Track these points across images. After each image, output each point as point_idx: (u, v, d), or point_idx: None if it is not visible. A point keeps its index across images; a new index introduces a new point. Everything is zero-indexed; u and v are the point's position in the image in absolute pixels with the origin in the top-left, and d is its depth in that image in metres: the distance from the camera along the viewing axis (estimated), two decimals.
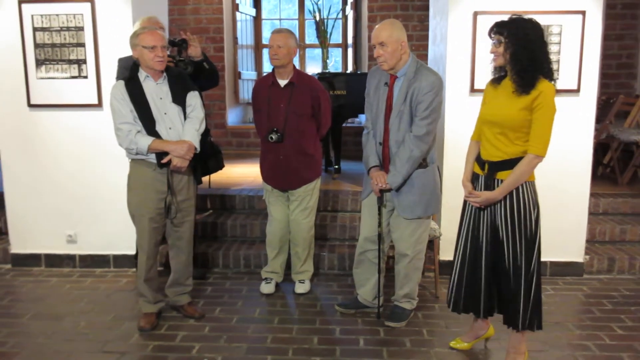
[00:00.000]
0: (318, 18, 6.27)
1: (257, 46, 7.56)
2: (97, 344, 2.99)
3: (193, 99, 3.10)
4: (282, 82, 3.46)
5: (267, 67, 7.54)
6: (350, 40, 7.09)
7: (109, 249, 4.09)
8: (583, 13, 3.61)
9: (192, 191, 3.22)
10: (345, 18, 7.25)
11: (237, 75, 7.13)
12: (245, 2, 7.19)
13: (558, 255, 3.90)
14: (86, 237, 4.08)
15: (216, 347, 2.95)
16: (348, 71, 6.91)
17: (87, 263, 4.11)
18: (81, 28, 3.80)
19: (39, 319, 3.30)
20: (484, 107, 2.66)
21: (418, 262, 3.19)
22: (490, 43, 2.53)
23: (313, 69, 7.44)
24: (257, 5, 7.50)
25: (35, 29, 3.81)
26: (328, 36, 6.26)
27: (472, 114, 3.63)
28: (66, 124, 3.94)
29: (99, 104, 3.87)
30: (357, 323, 3.25)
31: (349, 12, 7.03)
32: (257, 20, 7.54)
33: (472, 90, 3.72)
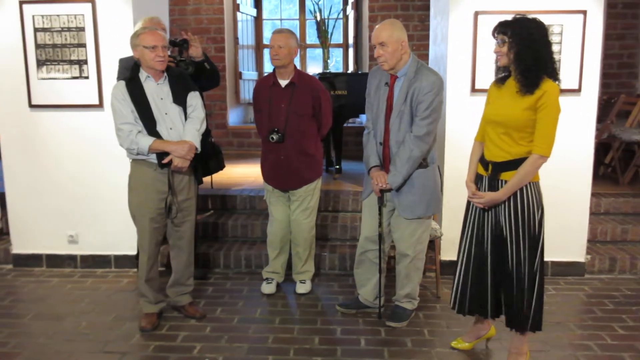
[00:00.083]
0: (319, 18, 6.27)
1: (258, 46, 7.56)
2: (98, 344, 2.99)
3: (194, 99, 3.10)
4: (283, 82, 3.46)
5: (268, 67, 7.54)
6: (351, 40, 7.09)
7: (110, 250, 4.09)
8: (584, 12, 3.60)
9: (193, 191, 3.22)
10: (346, 18, 7.25)
11: (238, 75, 7.13)
12: (246, 2, 7.19)
13: (559, 255, 3.90)
14: (87, 238, 4.08)
15: (217, 347, 2.96)
16: (349, 71, 6.91)
17: (88, 263, 4.11)
18: (82, 28, 3.80)
19: (40, 319, 3.30)
20: (488, 107, 2.64)
21: (419, 262, 3.19)
22: (493, 43, 2.52)
23: (314, 69, 7.44)
24: (258, 5, 7.51)
25: (36, 30, 3.82)
26: (329, 36, 6.25)
27: (473, 114, 3.64)
28: (67, 125, 3.95)
29: (100, 105, 3.87)
30: (358, 323, 3.25)
31: (350, 12, 7.03)
32: (258, 20, 7.55)
33: (473, 90, 3.72)
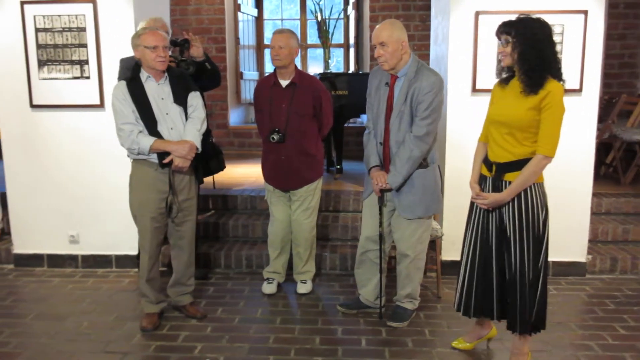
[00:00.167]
0: (320, 18, 6.27)
1: (259, 46, 7.57)
2: (100, 344, 3.00)
3: (194, 99, 3.10)
4: (284, 83, 3.46)
5: (269, 68, 7.54)
6: (352, 40, 7.09)
7: (111, 250, 4.09)
8: (585, 12, 3.60)
9: (194, 191, 3.22)
10: (347, 18, 7.25)
11: (239, 75, 7.13)
12: (247, 3, 7.20)
13: (560, 255, 3.89)
14: (88, 238, 4.09)
15: (218, 347, 2.96)
16: (350, 71, 6.91)
17: (90, 263, 4.12)
18: (83, 29, 3.80)
19: (42, 319, 3.30)
20: (492, 108, 2.63)
21: (419, 262, 3.19)
22: (494, 43, 2.51)
23: (315, 69, 7.44)
24: (259, 5, 7.51)
25: (37, 30, 3.82)
26: (330, 36, 6.25)
27: (474, 114, 3.65)
28: (68, 125, 3.95)
29: (101, 105, 3.87)
30: (359, 323, 3.25)
31: (351, 12, 7.03)
32: (259, 20, 7.55)
33: (474, 90, 3.72)
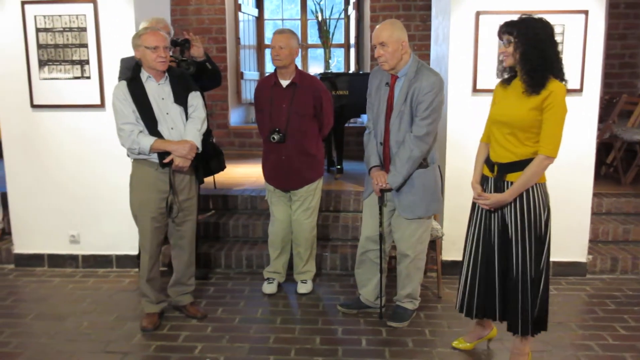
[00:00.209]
0: (320, 18, 6.27)
1: (260, 46, 7.57)
2: (100, 344, 3.00)
3: (195, 99, 3.11)
4: (284, 83, 3.46)
5: (270, 68, 7.54)
6: (352, 40, 7.09)
7: (112, 249, 4.10)
8: (586, 12, 3.60)
9: (194, 190, 3.22)
10: (347, 18, 7.25)
11: (240, 75, 7.14)
12: (247, 3, 7.20)
13: (561, 255, 3.89)
14: (89, 238, 4.09)
15: (218, 347, 2.96)
16: (350, 71, 6.91)
17: (90, 263, 4.12)
18: (84, 29, 3.81)
19: (42, 319, 3.31)
20: (494, 108, 2.62)
21: (419, 262, 3.19)
22: (495, 43, 2.51)
23: (315, 69, 7.44)
24: (260, 5, 7.51)
25: (38, 30, 3.82)
26: (330, 36, 6.25)
27: (475, 114, 3.65)
28: (69, 125, 3.95)
29: (102, 105, 3.88)
30: (360, 323, 3.25)
31: (352, 12, 7.03)
32: (260, 20, 7.55)
33: (475, 90, 3.71)
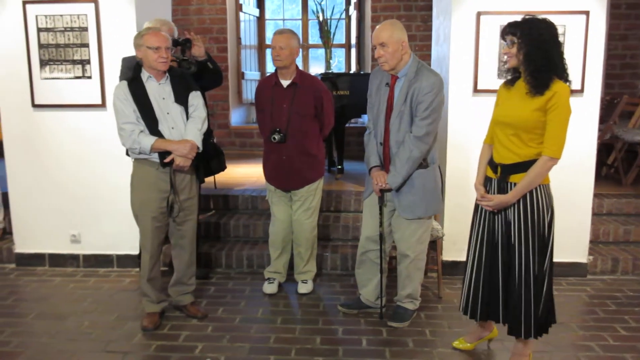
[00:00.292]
0: (321, 18, 6.28)
1: (261, 46, 7.57)
2: (101, 344, 3.00)
3: (195, 99, 3.11)
4: (285, 83, 3.46)
5: (271, 68, 7.54)
6: (353, 40, 7.09)
7: (112, 249, 4.10)
8: (587, 13, 3.60)
9: (195, 190, 3.22)
10: (348, 18, 7.25)
11: (241, 75, 7.14)
12: (248, 3, 7.20)
13: (562, 255, 3.87)
14: (89, 237, 4.09)
15: (219, 347, 2.96)
16: (351, 71, 6.91)
17: (91, 263, 4.12)
18: (85, 28, 3.81)
19: (43, 319, 3.31)
20: (497, 109, 2.61)
21: (420, 263, 3.19)
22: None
23: (316, 69, 7.44)
24: (261, 5, 7.51)
25: (39, 30, 3.83)
26: (331, 36, 6.26)
27: (476, 115, 3.65)
28: (69, 124, 3.95)
29: (103, 104, 3.88)
30: (360, 323, 3.25)
31: (352, 13, 7.03)
32: (261, 20, 7.55)
33: (475, 90, 3.71)
